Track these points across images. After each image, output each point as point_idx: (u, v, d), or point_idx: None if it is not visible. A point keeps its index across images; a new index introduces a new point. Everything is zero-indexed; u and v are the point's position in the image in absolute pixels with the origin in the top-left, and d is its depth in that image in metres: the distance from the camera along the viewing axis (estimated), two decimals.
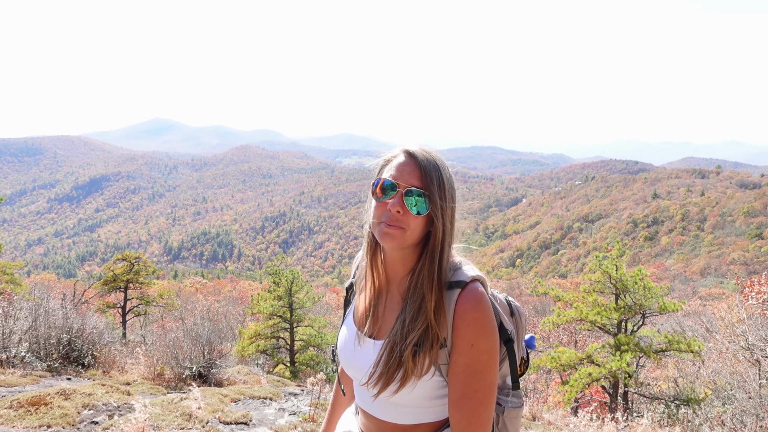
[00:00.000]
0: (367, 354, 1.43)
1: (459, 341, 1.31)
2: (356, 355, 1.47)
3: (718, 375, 10.87)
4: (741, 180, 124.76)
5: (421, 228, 1.36)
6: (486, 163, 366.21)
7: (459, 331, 1.31)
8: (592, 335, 14.23)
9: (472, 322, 1.31)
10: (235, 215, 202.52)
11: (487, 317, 1.31)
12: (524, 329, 1.56)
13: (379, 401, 1.43)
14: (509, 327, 1.44)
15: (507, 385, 1.50)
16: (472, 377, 1.30)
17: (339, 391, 1.78)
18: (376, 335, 1.45)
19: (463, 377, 1.31)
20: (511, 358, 1.45)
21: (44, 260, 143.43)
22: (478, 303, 1.32)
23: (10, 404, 4.75)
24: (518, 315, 1.53)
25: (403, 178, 1.35)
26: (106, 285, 19.40)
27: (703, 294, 36.85)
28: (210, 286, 44.95)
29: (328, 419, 1.80)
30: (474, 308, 1.31)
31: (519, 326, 1.52)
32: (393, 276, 1.46)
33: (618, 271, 9.72)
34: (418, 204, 1.33)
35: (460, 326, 1.31)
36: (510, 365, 1.47)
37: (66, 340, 7.62)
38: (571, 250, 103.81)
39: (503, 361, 1.46)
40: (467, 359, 1.31)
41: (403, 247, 1.37)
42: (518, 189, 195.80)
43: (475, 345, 1.30)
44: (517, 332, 1.51)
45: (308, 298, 14.56)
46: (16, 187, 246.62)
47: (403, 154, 1.40)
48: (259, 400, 6.33)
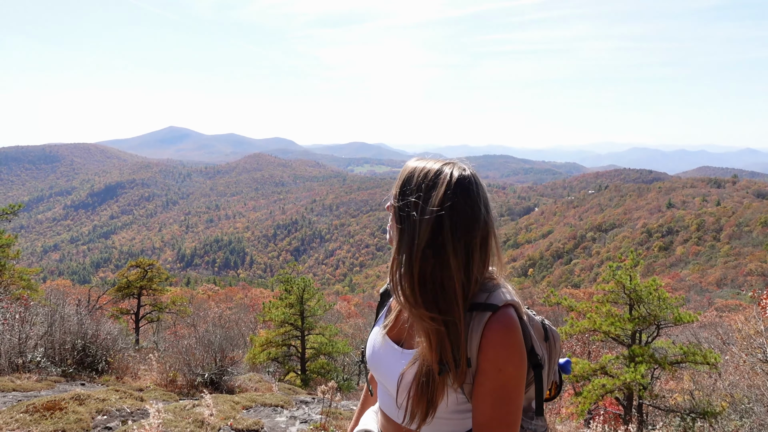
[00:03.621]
0: (395, 360, 1.44)
1: (486, 365, 1.30)
2: (383, 360, 1.48)
3: (735, 388, 10.68)
4: (758, 189, 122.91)
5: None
6: (498, 172, 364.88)
7: (486, 354, 1.30)
8: (605, 346, 14.05)
9: (500, 348, 1.29)
10: (248, 223, 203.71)
11: (515, 343, 1.30)
12: (558, 353, 1.54)
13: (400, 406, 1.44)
14: (540, 352, 1.42)
15: (531, 409, 1.48)
16: (498, 402, 1.30)
17: (368, 392, 1.81)
18: (405, 344, 1.46)
19: (490, 401, 1.30)
20: (539, 383, 1.43)
21: (60, 266, 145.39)
22: (508, 328, 1.30)
23: (26, 409, 4.80)
24: (552, 339, 1.51)
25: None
26: (119, 291, 19.56)
27: (720, 305, 36.26)
28: (222, 293, 45.13)
29: (356, 417, 1.83)
30: (503, 334, 1.30)
31: (552, 351, 1.51)
32: None
33: (632, 281, 9.61)
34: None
35: (488, 350, 1.30)
36: (536, 390, 1.44)
37: (81, 345, 7.70)
38: (584, 259, 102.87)
39: (530, 386, 1.43)
40: (494, 384, 1.30)
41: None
42: (531, 198, 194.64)
43: (503, 370, 1.29)
44: (549, 357, 1.49)
45: (319, 306, 14.58)
46: (34, 194, 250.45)
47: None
48: (270, 408, 6.34)
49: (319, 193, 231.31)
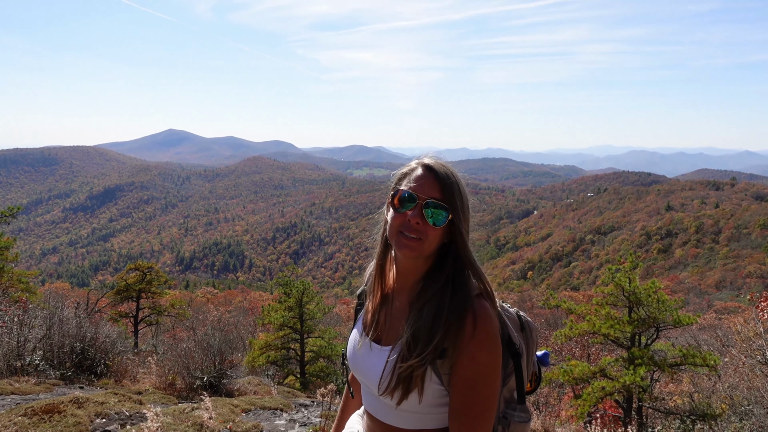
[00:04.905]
0: (375, 359, 1.47)
1: (460, 353, 1.34)
2: (364, 360, 1.51)
3: (735, 390, 10.67)
4: (756, 192, 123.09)
5: (438, 239, 1.41)
6: (497, 175, 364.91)
7: (461, 343, 1.34)
8: (605, 348, 14.05)
9: (474, 336, 1.33)
10: (247, 226, 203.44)
11: (490, 331, 1.34)
12: (535, 344, 1.57)
13: (384, 405, 1.46)
14: (517, 342, 1.47)
15: (514, 399, 1.51)
16: (472, 389, 1.33)
17: (349, 394, 1.83)
18: (384, 341, 1.49)
19: (464, 389, 1.34)
20: (518, 372, 1.47)
21: (58, 269, 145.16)
22: (481, 317, 1.34)
23: (24, 412, 4.79)
24: (528, 330, 1.54)
25: (423, 191, 1.40)
26: (118, 294, 19.53)
27: (719, 307, 36.28)
28: (221, 296, 45.05)
29: (338, 421, 1.84)
30: (477, 322, 1.34)
31: (529, 341, 1.54)
32: (403, 283, 1.50)
33: (631, 283, 9.61)
34: (436, 216, 1.38)
35: (462, 339, 1.34)
36: (516, 380, 1.48)
37: (79, 348, 7.68)
38: (584, 262, 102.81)
39: (510, 376, 1.47)
40: (468, 371, 1.33)
41: (420, 257, 1.42)
42: (530, 201, 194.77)
43: (476, 358, 1.33)
44: (527, 347, 1.52)
45: (319, 309, 14.56)
46: (33, 197, 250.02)
47: (421, 167, 1.46)
48: (269, 411, 6.33)
49: (318, 196, 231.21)
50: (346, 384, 1.83)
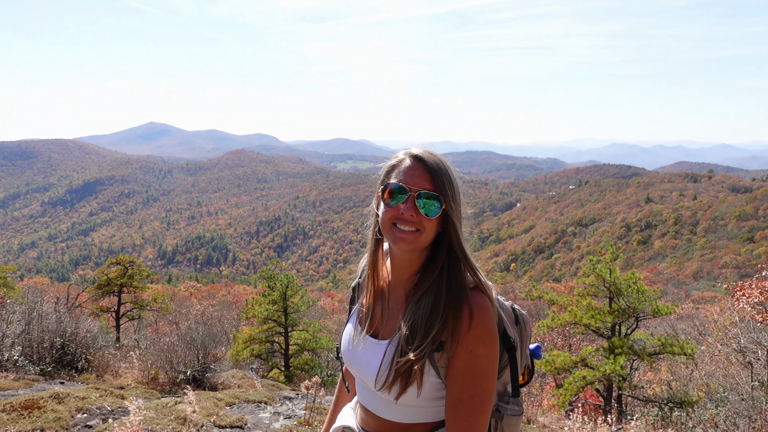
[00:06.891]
0: (371, 354, 1.46)
1: (458, 346, 1.33)
2: (360, 354, 1.49)
3: (711, 377, 10.93)
4: (733, 184, 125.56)
5: (434, 230, 1.39)
6: (480, 168, 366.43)
7: (459, 335, 1.33)
8: (586, 338, 14.27)
9: (472, 328, 1.33)
10: (230, 219, 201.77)
11: (487, 324, 1.34)
12: (529, 337, 1.58)
13: (380, 399, 1.45)
14: (512, 335, 1.47)
15: (508, 392, 1.51)
16: (470, 382, 1.33)
17: (343, 387, 1.81)
18: (381, 335, 1.48)
19: (461, 382, 1.33)
20: (513, 365, 1.48)
21: (37, 264, 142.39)
22: (478, 309, 1.34)
23: (3, 408, 4.72)
24: (523, 323, 1.55)
25: (414, 182, 1.38)
26: (99, 289, 19.26)
27: (696, 297, 37.01)
28: (204, 290, 44.74)
29: (331, 414, 1.83)
30: (473, 314, 1.33)
31: (523, 334, 1.55)
32: (399, 276, 1.49)
33: (612, 274, 9.77)
34: (429, 206, 1.36)
35: (459, 331, 1.33)
36: (511, 373, 1.49)
37: (59, 343, 7.58)
38: (565, 254, 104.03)
39: (505, 369, 1.48)
40: (465, 364, 1.33)
41: (417, 249, 1.40)
42: (513, 193, 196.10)
43: (474, 351, 1.32)
44: (521, 340, 1.53)
45: (303, 302, 14.53)
46: (10, 191, 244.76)
47: (410, 158, 1.43)
48: (254, 404, 6.32)
49: (302, 189, 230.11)
50: (341, 378, 1.81)
